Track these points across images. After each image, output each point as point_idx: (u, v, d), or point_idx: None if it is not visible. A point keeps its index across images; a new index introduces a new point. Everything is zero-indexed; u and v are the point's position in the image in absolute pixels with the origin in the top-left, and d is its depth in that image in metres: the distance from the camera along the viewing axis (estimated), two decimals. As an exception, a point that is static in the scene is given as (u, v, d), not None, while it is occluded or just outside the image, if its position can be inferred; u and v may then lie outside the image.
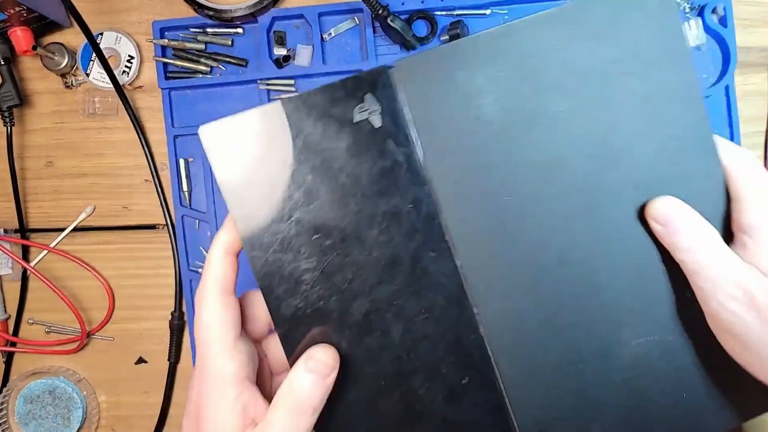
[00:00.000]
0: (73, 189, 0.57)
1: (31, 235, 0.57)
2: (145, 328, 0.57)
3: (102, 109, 0.56)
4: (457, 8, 0.53)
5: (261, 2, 0.52)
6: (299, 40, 0.54)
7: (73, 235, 0.57)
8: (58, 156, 0.57)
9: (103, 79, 0.54)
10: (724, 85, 0.52)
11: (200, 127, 0.33)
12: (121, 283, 0.57)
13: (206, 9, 0.53)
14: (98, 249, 0.57)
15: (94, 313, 0.57)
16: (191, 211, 0.55)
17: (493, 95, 0.34)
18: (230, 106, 0.55)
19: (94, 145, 0.57)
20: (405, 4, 0.53)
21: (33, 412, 0.58)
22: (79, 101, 0.56)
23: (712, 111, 0.53)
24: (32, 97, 0.57)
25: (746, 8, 0.53)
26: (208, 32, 0.54)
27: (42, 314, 0.58)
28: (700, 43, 0.51)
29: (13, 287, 0.58)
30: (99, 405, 0.58)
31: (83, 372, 0.58)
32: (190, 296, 0.55)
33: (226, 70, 0.55)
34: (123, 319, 0.57)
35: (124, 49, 0.55)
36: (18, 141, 0.57)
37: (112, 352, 0.57)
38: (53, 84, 0.57)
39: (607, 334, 0.36)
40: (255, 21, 0.54)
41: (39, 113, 0.57)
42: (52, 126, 0.57)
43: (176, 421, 0.57)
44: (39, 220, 0.57)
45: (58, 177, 0.57)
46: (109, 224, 0.57)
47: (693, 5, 0.52)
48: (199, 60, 0.54)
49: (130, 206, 0.57)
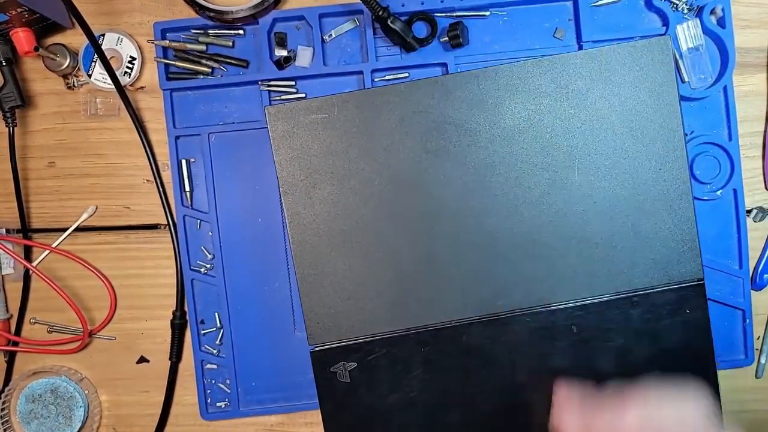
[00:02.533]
0: (75, 189, 0.57)
1: (34, 235, 0.58)
2: (147, 328, 0.57)
3: (104, 110, 0.56)
4: (457, 10, 0.53)
5: (262, 4, 0.52)
6: (300, 42, 0.55)
7: (75, 235, 0.57)
8: (60, 156, 0.57)
9: (105, 79, 0.54)
10: (723, 86, 0.52)
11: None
12: (123, 283, 0.57)
13: (207, 10, 0.53)
14: (100, 249, 0.57)
15: (95, 312, 0.58)
16: (193, 211, 0.55)
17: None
18: (231, 107, 0.55)
19: (95, 146, 0.57)
20: (405, 5, 0.53)
21: (35, 411, 0.58)
22: (80, 102, 0.57)
23: (710, 111, 0.53)
24: (34, 98, 0.57)
25: (745, 9, 0.53)
26: (209, 33, 0.55)
27: (44, 314, 0.58)
28: (699, 44, 0.52)
29: (15, 287, 0.58)
30: (100, 404, 0.58)
31: (85, 371, 0.58)
32: (192, 296, 0.55)
33: (227, 71, 0.55)
34: (124, 318, 0.58)
35: (126, 50, 0.55)
36: (20, 142, 0.57)
37: (113, 352, 0.58)
38: (55, 85, 0.57)
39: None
40: (256, 22, 0.54)
41: (41, 114, 0.57)
42: (54, 127, 0.57)
43: (177, 420, 0.58)
44: (41, 220, 0.58)
45: (60, 177, 0.57)
46: (110, 224, 0.57)
47: (691, 6, 0.52)
48: (200, 61, 0.55)
49: (132, 206, 0.57)
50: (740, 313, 0.54)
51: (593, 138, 0.44)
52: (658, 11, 0.53)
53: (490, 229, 0.44)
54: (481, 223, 0.44)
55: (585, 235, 0.44)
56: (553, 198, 0.44)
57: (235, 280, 0.55)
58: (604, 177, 0.44)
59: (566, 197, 0.44)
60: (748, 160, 0.54)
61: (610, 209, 0.44)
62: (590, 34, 0.53)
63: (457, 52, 0.53)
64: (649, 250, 0.44)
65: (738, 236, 0.54)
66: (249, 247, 0.51)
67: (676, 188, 0.44)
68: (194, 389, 0.56)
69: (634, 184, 0.44)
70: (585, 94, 0.44)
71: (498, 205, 0.44)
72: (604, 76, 0.44)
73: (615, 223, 0.44)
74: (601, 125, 0.44)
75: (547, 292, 0.45)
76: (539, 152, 0.44)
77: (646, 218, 0.44)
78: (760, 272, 0.54)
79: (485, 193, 0.44)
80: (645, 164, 0.44)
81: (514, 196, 0.44)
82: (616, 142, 0.44)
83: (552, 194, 0.44)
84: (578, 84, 0.44)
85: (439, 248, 0.45)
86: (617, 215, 0.44)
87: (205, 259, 0.56)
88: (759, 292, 0.55)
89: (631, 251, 0.44)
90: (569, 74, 0.44)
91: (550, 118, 0.44)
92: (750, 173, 0.54)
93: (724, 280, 0.54)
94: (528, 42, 0.54)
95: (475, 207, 0.44)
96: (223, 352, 0.56)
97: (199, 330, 0.56)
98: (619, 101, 0.44)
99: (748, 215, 0.54)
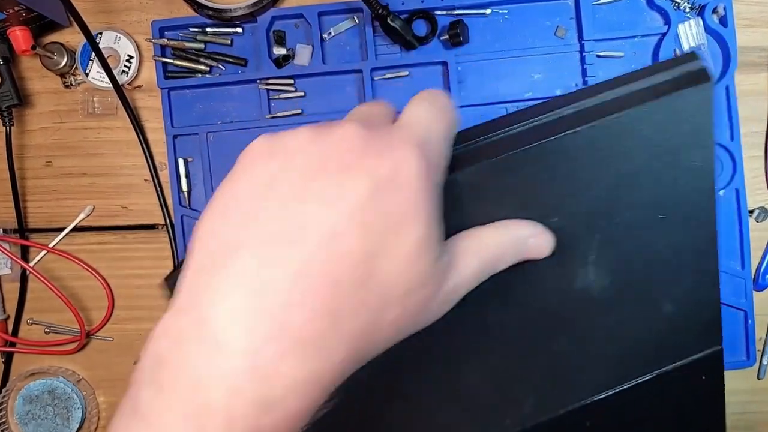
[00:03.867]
0: (73, 189, 0.57)
1: (31, 235, 0.57)
2: (145, 329, 0.57)
3: (101, 109, 0.56)
4: (457, 8, 0.53)
5: (260, 2, 0.52)
6: (299, 40, 0.54)
7: (72, 235, 0.57)
8: (58, 156, 0.57)
9: (103, 78, 0.54)
10: (725, 85, 0.52)
11: None
12: (121, 283, 0.57)
13: (206, 8, 0.52)
14: (97, 249, 0.57)
15: (93, 313, 0.57)
16: (191, 211, 0.55)
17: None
18: (229, 106, 0.55)
19: (93, 145, 0.57)
20: (405, 3, 0.53)
21: (32, 412, 0.58)
22: (78, 101, 0.56)
23: (712, 111, 0.53)
24: (31, 97, 0.57)
25: (746, 8, 0.53)
26: (207, 32, 0.54)
27: (41, 314, 0.58)
28: (701, 43, 0.51)
29: (12, 287, 0.58)
30: (98, 405, 0.58)
31: (83, 372, 0.58)
32: (190, 296, 0.55)
33: (226, 70, 0.55)
34: (122, 319, 0.57)
35: (124, 48, 0.55)
36: (17, 141, 0.56)
37: (111, 353, 0.57)
38: (52, 84, 0.57)
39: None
40: (254, 20, 0.54)
41: (38, 113, 0.57)
42: (52, 126, 0.57)
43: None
44: (38, 220, 0.57)
45: (57, 177, 0.57)
46: (108, 224, 0.57)
47: (693, 5, 0.52)
48: (198, 60, 0.54)
49: (130, 206, 0.57)
50: (742, 314, 0.54)
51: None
52: (659, 10, 0.52)
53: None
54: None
55: (593, 334, 0.37)
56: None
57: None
58: (625, 261, 0.35)
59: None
60: (750, 160, 0.54)
61: (629, 295, 0.36)
62: (592, 33, 0.52)
63: (457, 50, 0.53)
64: (668, 333, 0.38)
65: (740, 237, 0.53)
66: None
67: (703, 263, 0.36)
68: (192, 390, 0.56)
69: (657, 263, 0.35)
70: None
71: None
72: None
73: (631, 310, 0.37)
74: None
75: (559, 397, 0.38)
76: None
77: (668, 300, 0.36)
78: (762, 273, 0.54)
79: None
80: (671, 238, 0.35)
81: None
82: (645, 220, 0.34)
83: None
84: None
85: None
86: (637, 300, 0.36)
87: (203, 260, 0.55)
88: (761, 292, 0.54)
89: (647, 334, 0.38)
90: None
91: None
92: (752, 173, 0.54)
93: (726, 281, 0.53)
94: (529, 41, 0.53)
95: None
96: (221, 353, 0.55)
97: (198, 331, 0.55)
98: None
99: (751, 215, 0.54)
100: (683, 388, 0.40)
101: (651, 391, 0.39)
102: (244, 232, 0.23)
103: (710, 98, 0.32)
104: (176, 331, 0.22)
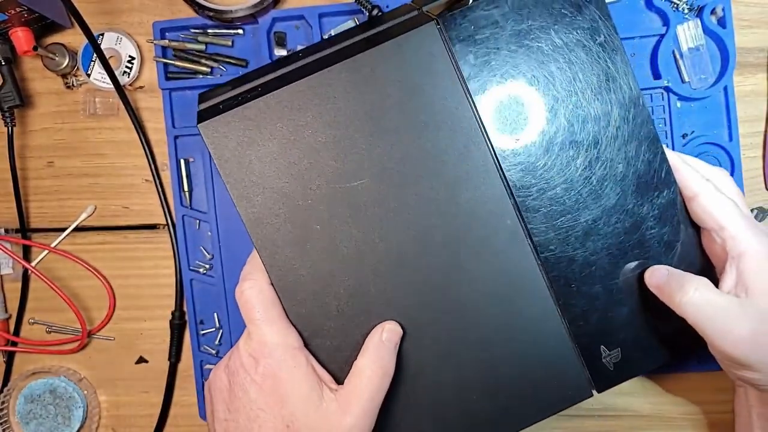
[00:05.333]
0: (74, 189, 0.57)
1: (32, 235, 0.58)
2: (146, 328, 0.57)
3: (103, 110, 0.56)
4: (456, 9, 0.53)
5: (261, 3, 0.52)
6: (299, 41, 0.54)
7: (73, 235, 0.57)
8: (59, 156, 0.57)
9: (104, 79, 0.54)
10: (723, 86, 0.52)
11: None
12: (122, 283, 0.57)
13: (207, 10, 0.53)
14: (99, 249, 0.57)
15: (94, 312, 0.58)
16: (192, 211, 0.55)
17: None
18: (230, 107, 0.55)
19: (94, 146, 0.57)
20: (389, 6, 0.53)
21: (34, 411, 0.58)
22: (79, 102, 0.56)
23: (710, 112, 0.53)
24: (33, 98, 0.57)
25: (745, 9, 0.53)
26: (208, 33, 0.54)
27: (43, 314, 0.58)
28: (699, 43, 0.52)
29: (14, 287, 0.58)
30: (99, 404, 0.58)
31: (84, 371, 0.58)
32: (191, 296, 0.55)
33: (227, 71, 0.55)
34: (123, 318, 0.57)
35: (125, 49, 0.55)
36: (19, 141, 0.57)
37: (112, 352, 0.58)
38: (54, 84, 0.57)
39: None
40: (255, 22, 0.54)
41: (40, 114, 0.57)
42: (53, 126, 0.57)
43: (176, 420, 0.57)
44: (40, 220, 0.58)
45: (58, 177, 0.57)
46: (109, 224, 0.57)
47: (692, 6, 0.52)
48: (199, 61, 0.54)
49: (131, 206, 0.57)
50: (741, 313, 0.54)
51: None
52: (658, 11, 0.53)
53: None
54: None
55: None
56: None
57: (235, 280, 0.55)
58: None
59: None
60: (748, 161, 0.54)
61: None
62: (590, 34, 0.53)
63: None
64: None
65: (738, 237, 0.53)
66: (248, 247, 0.50)
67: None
68: (194, 390, 0.56)
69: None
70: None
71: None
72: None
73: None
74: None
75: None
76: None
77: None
78: (760, 273, 0.54)
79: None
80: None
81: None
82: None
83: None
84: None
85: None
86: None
87: (204, 260, 0.56)
88: (759, 292, 0.55)
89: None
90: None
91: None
92: (750, 173, 0.54)
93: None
94: (528, 42, 0.54)
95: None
96: (222, 353, 0.55)
97: (198, 330, 0.56)
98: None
99: (749, 215, 0.54)
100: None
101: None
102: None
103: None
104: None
